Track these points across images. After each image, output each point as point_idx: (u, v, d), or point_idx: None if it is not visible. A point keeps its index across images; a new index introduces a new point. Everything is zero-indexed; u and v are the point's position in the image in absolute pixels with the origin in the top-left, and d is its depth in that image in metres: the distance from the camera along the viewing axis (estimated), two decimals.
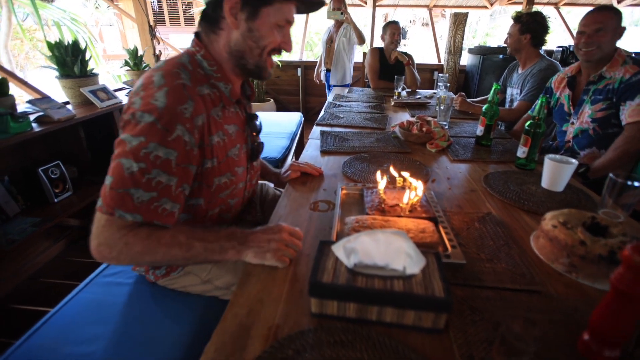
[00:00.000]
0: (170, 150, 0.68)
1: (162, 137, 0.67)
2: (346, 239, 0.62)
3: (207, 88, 0.79)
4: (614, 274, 0.47)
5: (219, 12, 0.77)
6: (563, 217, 0.73)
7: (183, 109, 0.69)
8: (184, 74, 0.74)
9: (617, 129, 1.47)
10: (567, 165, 1.04)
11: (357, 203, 0.98)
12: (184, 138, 0.70)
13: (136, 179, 0.65)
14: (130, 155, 0.66)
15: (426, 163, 1.31)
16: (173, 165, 0.69)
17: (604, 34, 1.43)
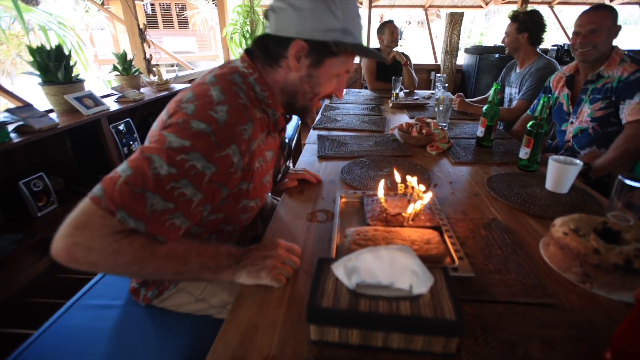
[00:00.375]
0: (211, 165, 0.62)
1: (210, 150, 0.61)
2: (347, 257, 0.58)
3: (260, 112, 0.75)
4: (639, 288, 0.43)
5: (282, 51, 0.74)
6: (574, 224, 0.69)
7: (242, 130, 0.66)
8: (242, 94, 0.70)
9: (617, 127, 1.45)
10: (571, 166, 1.01)
11: (357, 212, 0.94)
12: (232, 159, 0.65)
13: (160, 183, 0.57)
14: (164, 154, 0.58)
15: (427, 167, 1.27)
16: (205, 180, 0.62)
17: (599, 34, 1.41)
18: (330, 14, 0.70)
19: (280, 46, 0.74)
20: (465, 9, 5.71)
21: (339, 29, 0.71)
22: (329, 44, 0.72)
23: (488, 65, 3.89)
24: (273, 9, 0.74)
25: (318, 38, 0.71)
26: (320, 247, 0.80)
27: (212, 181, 0.63)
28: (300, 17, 0.70)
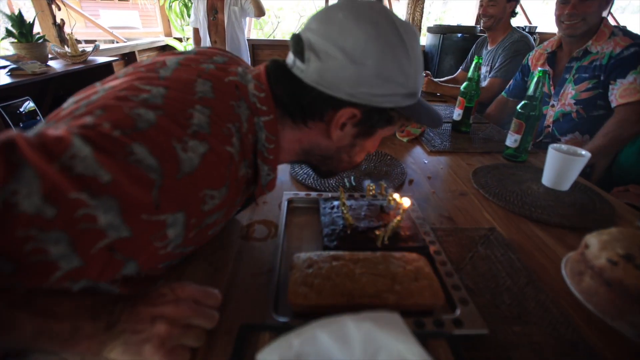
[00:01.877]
0: (125, 227, 0.34)
1: (139, 205, 0.35)
2: (286, 340, 0.31)
3: (246, 167, 0.49)
4: None
5: (320, 111, 0.50)
6: (622, 247, 0.48)
7: (207, 196, 0.41)
8: (236, 138, 0.45)
9: (603, 111, 1.29)
10: (578, 157, 0.81)
11: (311, 224, 0.68)
12: (166, 231, 0.38)
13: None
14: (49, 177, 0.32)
15: (399, 157, 1.03)
16: (99, 245, 0.34)
17: (591, 3, 1.23)
18: (400, 74, 0.47)
19: (318, 104, 0.49)
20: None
21: (408, 93, 0.50)
22: (389, 111, 0.51)
23: (452, 46, 3.74)
24: (314, 50, 0.47)
25: (378, 105, 0.49)
26: (255, 286, 0.53)
27: (114, 250, 0.35)
28: (361, 75, 0.46)
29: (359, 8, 0.47)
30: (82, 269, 0.34)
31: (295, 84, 0.49)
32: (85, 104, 0.40)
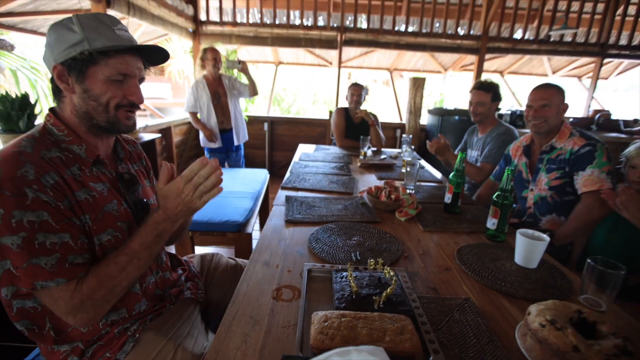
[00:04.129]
0: (39, 212, 0.67)
1: (18, 202, 0.66)
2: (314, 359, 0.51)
3: (57, 152, 0.77)
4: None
5: (54, 83, 0.79)
6: (550, 314, 0.66)
7: (24, 173, 0.67)
8: (26, 142, 0.73)
9: (573, 196, 1.52)
10: (539, 242, 1.02)
11: (325, 288, 0.88)
12: (41, 198, 0.68)
13: (30, 248, 0.66)
14: (5, 231, 0.65)
15: (397, 234, 1.25)
16: (53, 224, 0.69)
17: (549, 109, 1.53)
18: (69, 31, 0.75)
19: (53, 81, 0.79)
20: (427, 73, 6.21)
21: (80, 40, 0.74)
22: (77, 56, 0.75)
23: (450, 126, 4.15)
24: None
25: (67, 56, 0.75)
26: (286, 334, 0.72)
27: (58, 221, 0.69)
28: (50, 47, 0.76)
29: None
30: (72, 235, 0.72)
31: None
32: None
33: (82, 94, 0.78)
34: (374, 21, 4.56)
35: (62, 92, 0.80)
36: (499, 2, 4.23)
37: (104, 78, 0.78)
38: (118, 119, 0.82)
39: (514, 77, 6.13)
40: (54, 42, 0.76)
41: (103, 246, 0.78)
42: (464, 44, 4.54)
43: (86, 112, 0.80)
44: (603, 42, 4.53)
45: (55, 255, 0.68)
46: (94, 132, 0.83)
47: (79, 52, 0.74)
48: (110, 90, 0.79)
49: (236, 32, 4.48)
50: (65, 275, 0.69)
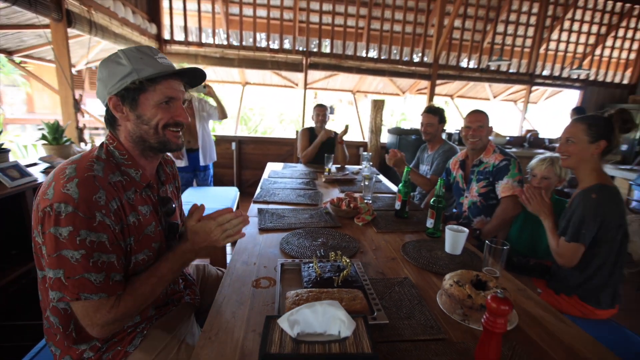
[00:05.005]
0: (100, 234, 0.78)
1: (87, 224, 0.76)
2: (289, 312, 0.73)
3: (119, 175, 0.89)
4: (483, 318, 0.66)
5: (110, 113, 0.91)
6: (457, 277, 0.94)
7: (97, 198, 0.79)
8: (97, 165, 0.84)
9: (495, 201, 1.86)
10: (461, 233, 1.31)
11: (296, 277, 1.10)
12: (105, 222, 0.79)
13: (84, 265, 0.76)
14: (69, 245, 0.75)
15: (355, 236, 1.50)
16: (108, 245, 0.80)
17: (483, 129, 1.89)
18: (118, 65, 0.87)
19: (108, 112, 0.91)
20: (387, 95, 6.72)
21: (129, 72, 0.86)
22: (129, 86, 0.86)
23: (407, 144, 4.56)
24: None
25: (120, 88, 0.86)
26: (265, 310, 0.93)
27: (112, 243, 0.81)
28: (103, 83, 0.88)
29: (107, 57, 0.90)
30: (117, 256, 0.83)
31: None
32: None
33: (135, 120, 0.89)
34: (337, 46, 4.95)
35: (117, 120, 0.91)
36: (447, 33, 4.79)
37: (154, 103, 0.89)
38: (168, 139, 0.93)
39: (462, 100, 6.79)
40: (107, 76, 0.87)
41: (137, 264, 0.90)
42: (418, 70, 5.04)
43: (140, 136, 0.91)
44: (531, 72, 5.24)
45: (103, 273, 0.79)
46: (145, 155, 0.95)
47: (130, 82, 0.85)
48: (159, 113, 0.90)
49: (202, 52, 4.56)
50: (108, 291, 0.79)
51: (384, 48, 4.88)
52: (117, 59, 0.88)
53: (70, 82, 2.67)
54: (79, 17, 2.69)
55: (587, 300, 1.32)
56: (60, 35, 2.43)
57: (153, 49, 0.92)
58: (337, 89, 6.65)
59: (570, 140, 1.32)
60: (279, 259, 1.18)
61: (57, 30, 2.44)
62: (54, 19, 2.37)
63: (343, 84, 6.38)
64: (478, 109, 1.98)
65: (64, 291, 0.77)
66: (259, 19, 4.66)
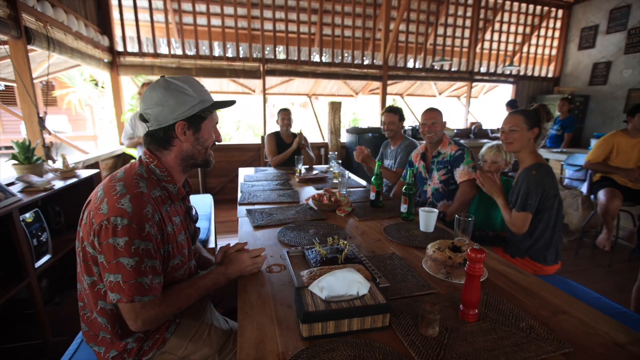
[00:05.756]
0: (148, 242, 0.90)
1: (139, 234, 0.88)
2: (317, 281, 0.90)
3: (159, 190, 1.01)
4: (466, 267, 0.88)
5: (171, 134, 1.02)
6: (438, 245, 1.16)
7: (147, 212, 0.91)
8: (142, 182, 0.96)
9: (454, 186, 2.15)
10: (432, 214, 1.55)
11: (301, 261, 1.27)
12: (151, 232, 0.91)
13: (139, 269, 0.88)
14: (125, 254, 0.86)
15: (341, 225, 1.69)
16: (153, 252, 0.91)
17: (437, 125, 2.17)
18: (185, 95, 0.99)
19: (167, 132, 1.01)
20: (341, 97, 7.03)
21: (198, 102, 1.01)
22: (198, 114, 1.02)
23: (365, 142, 4.86)
24: (147, 114, 1.01)
25: (189, 114, 1.00)
26: (284, 288, 1.09)
27: (156, 250, 0.93)
28: (170, 109, 0.99)
29: (152, 85, 1.01)
30: (159, 262, 0.95)
31: (153, 134, 1.02)
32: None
33: (194, 142, 1.04)
34: (292, 52, 5.13)
35: (171, 142, 1.02)
36: (394, 37, 5.17)
37: (210, 128, 1.07)
38: (209, 157, 1.11)
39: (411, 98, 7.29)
40: (175, 104, 0.98)
41: (173, 268, 1.01)
42: (370, 72, 5.37)
43: (191, 155, 1.06)
44: (471, 70, 5.81)
45: (150, 276, 0.90)
46: (186, 171, 1.09)
47: (199, 110, 1.01)
48: (211, 137, 1.08)
49: (158, 63, 4.52)
50: (154, 292, 0.91)
51: (337, 52, 5.15)
52: (184, 90, 1.00)
53: (33, 100, 2.60)
54: (37, 34, 2.64)
55: (536, 259, 1.63)
56: (21, 53, 2.40)
57: (199, 82, 1.07)
58: (293, 93, 6.84)
59: (512, 129, 1.62)
60: (283, 249, 1.34)
61: (16, 48, 2.39)
62: (13, 36, 2.31)
63: (299, 89, 6.58)
64: (432, 107, 2.26)
65: (121, 294, 0.87)
66: (214, 27, 4.71)
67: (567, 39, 6.22)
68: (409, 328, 0.86)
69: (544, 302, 1.01)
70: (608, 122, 5.64)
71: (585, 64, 5.95)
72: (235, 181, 5.14)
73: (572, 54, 6.16)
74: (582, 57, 5.98)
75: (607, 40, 5.59)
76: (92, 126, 10.48)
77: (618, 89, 5.49)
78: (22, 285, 1.74)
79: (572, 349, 0.79)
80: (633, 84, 5.27)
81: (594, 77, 5.80)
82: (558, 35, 6.25)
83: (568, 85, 6.20)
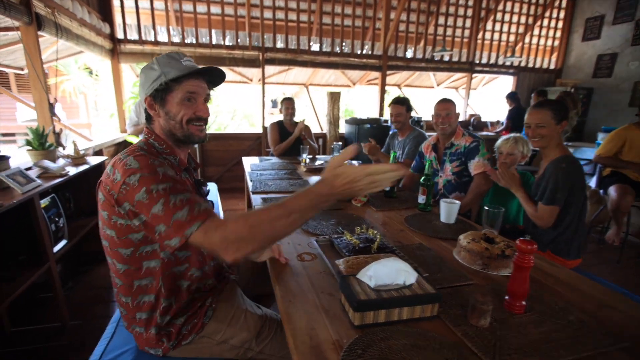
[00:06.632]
0: (166, 182, 0.87)
1: (155, 179, 0.87)
2: (365, 269, 0.89)
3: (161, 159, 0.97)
4: (514, 257, 0.87)
5: (146, 111, 1.05)
6: (471, 236, 1.16)
7: (153, 162, 0.90)
8: (142, 151, 0.95)
9: (468, 178, 2.16)
10: (454, 205, 1.55)
11: (330, 250, 1.25)
12: (168, 173, 0.90)
13: (168, 209, 0.84)
14: (152, 202, 0.84)
15: (360, 215, 1.67)
16: (177, 187, 0.88)
17: (451, 116, 2.15)
18: (151, 70, 1.01)
19: (146, 110, 1.06)
20: (338, 87, 6.97)
21: (158, 75, 1.00)
22: (159, 87, 1.00)
23: (364, 133, 4.83)
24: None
25: (152, 89, 1.01)
26: (321, 276, 1.07)
27: (182, 185, 0.90)
28: (142, 85, 1.04)
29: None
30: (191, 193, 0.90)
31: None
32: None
33: (165, 116, 1.03)
34: (291, 41, 5.03)
35: (152, 117, 1.06)
36: (394, 26, 5.12)
37: (178, 100, 1.01)
38: (191, 132, 1.04)
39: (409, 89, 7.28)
40: (144, 80, 1.02)
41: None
42: (369, 62, 5.32)
43: (169, 130, 1.04)
44: (471, 61, 5.79)
45: (185, 207, 0.84)
46: (177, 145, 1.07)
47: (159, 83, 0.99)
48: (183, 109, 1.01)
49: (158, 51, 4.42)
50: (199, 219, 0.83)
51: (336, 42, 5.08)
52: (151, 65, 1.02)
53: (44, 86, 2.53)
54: (47, 20, 2.61)
55: (558, 253, 1.64)
56: (32, 39, 2.38)
57: (180, 54, 1.04)
58: (290, 82, 6.75)
59: (540, 125, 1.61)
60: (308, 238, 1.32)
61: (28, 34, 2.37)
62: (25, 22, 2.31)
63: (296, 78, 6.50)
64: (445, 97, 2.25)
65: (174, 236, 0.83)
66: (214, 16, 4.59)
67: (570, 29, 6.13)
68: (457, 318, 0.85)
69: (585, 295, 1.01)
70: (612, 116, 5.56)
71: (589, 55, 5.85)
72: (234, 170, 5.08)
73: (575, 45, 6.07)
74: (586, 48, 5.88)
75: (613, 31, 5.48)
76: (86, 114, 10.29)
77: (623, 81, 5.37)
78: (43, 269, 1.77)
79: (628, 343, 0.79)
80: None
81: (598, 69, 5.70)
82: (561, 26, 6.16)
83: (571, 77, 6.11)
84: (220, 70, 1.08)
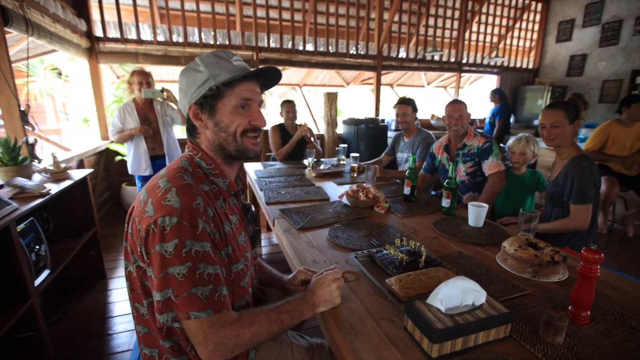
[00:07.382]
0: (204, 243, 0.76)
1: (192, 233, 0.74)
2: (434, 292, 0.86)
3: (207, 185, 0.87)
4: (579, 267, 0.87)
5: (190, 122, 0.91)
6: (516, 243, 1.15)
7: (197, 205, 0.77)
8: (187, 176, 0.83)
9: (482, 178, 2.17)
10: (483, 208, 1.55)
11: (371, 266, 1.21)
12: (206, 229, 0.77)
13: (191, 279, 0.73)
14: (175, 261, 0.73)
15: (389, 223, 1.65)
16: (212, 255, 0.77)
17: (463, 117, 2.16)
18: (196, 73, 0.87)
19: (189, 121, 0.92)
20: (332, 87, 6.93)
21: (207, 78, 0.85)
22: (207, 93, 0.86)
23: (363, 134, 4.82)
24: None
25: (198, 95, 0.86)
26: (374, 299, 1.03)
27: (215, 252, 0.79)
28: (183, 92, 0.90)
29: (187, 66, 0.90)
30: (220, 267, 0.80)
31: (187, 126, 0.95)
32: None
33: (213, 127, 0.88)
34: (286, 41, 4.95)
35: (196, 131, 0.91)
36: (388, 26, 5.12)
37: (231, 108, 0.87)
38: (246, 147, 0.91)
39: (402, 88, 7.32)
40: (186, 85, 0.88)
41: (237, 275, 0.88)
42: (364, 62, 5.31)
43: (219, 145, 0.90)
44: (459, 61, 5.89)
45: (209, 286, 0.74)
46: (228, 163, 0.94)
47: (208, 88, 0.85)
48: (237, 119, 0.88)
49: (142, 50, 4.20)
50: (214, 307, 0.74)
51: (331, 42, 5.04)
52: (195, 66, 0.87)
53: (13, 90, 2.30)
54: (15, 15, 2.31)
55: (576, 249, 1.66)
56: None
57: (228, 52, 0.91)
58: (284, 83, 6.66)
59: (555, 125, 1.63)
60: (347, 254, 1.29)
61: None
62: None
63: (291, 78, 6.43)
64: (456, 99, 2.26)
65: (175, 310, 0.74)
66: (203, 14, 4.46)
67: (545, 31, 6.48)
68: (530, 336, 0.84)
69: (631, 296, 1.02)
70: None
71: (562, 56, 6.23)
72: None
73: (550, 47, 6.44)
74: (560, 49, 6.26)
75: (582, 33, 5.87)
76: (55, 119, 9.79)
77: (593, 80, 5.79)
78: (24, 308, 1.52)
79: None
80: (607, 75, 5.58)
81: (571, 68, 6.11)
82: (537, 28, 6.49)
83: (547, 76, 6.47)
84: (277, 69, 0.94)
